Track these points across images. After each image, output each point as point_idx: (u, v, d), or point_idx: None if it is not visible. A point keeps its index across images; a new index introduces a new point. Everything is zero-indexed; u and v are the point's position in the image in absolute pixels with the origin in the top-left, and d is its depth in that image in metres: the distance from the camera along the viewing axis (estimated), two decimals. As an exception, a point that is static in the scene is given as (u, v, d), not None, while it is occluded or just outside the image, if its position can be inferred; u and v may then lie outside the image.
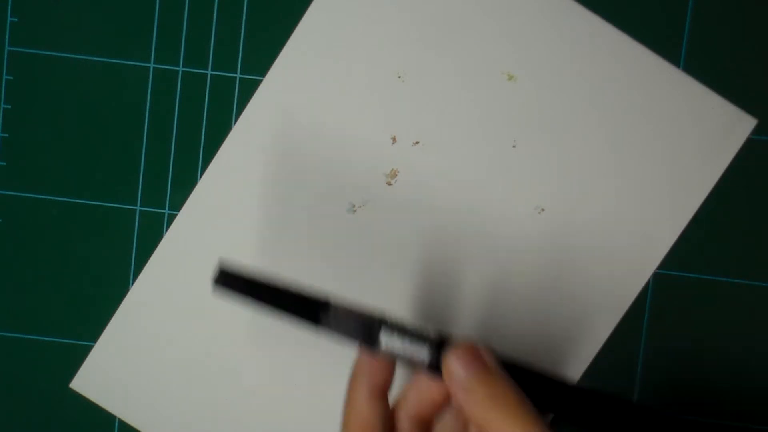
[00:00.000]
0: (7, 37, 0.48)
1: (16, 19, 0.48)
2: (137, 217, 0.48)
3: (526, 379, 0.39)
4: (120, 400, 0.48)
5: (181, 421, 0.48)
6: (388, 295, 0.48)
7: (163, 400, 0.48)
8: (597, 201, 0.47)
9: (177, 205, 0.48)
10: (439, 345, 0.38)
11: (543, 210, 0.47)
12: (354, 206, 0.47)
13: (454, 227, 0.47)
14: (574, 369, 0.48)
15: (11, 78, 0.48)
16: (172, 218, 0.48)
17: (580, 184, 0.47)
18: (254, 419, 0.48)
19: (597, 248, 0.47)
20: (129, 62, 0.48)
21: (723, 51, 0.47)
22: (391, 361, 0.40)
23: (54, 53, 0.48)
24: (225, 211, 0.48)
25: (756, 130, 0.47)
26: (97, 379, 0.48)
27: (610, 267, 0.47)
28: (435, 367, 0.38)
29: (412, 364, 0.39)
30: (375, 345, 0.39)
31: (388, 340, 0.39)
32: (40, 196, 0.48)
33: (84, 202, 0.48)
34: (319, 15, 0.47)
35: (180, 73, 0.48)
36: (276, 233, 0.47)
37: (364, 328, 0.39)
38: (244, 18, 0.47)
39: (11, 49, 0.48)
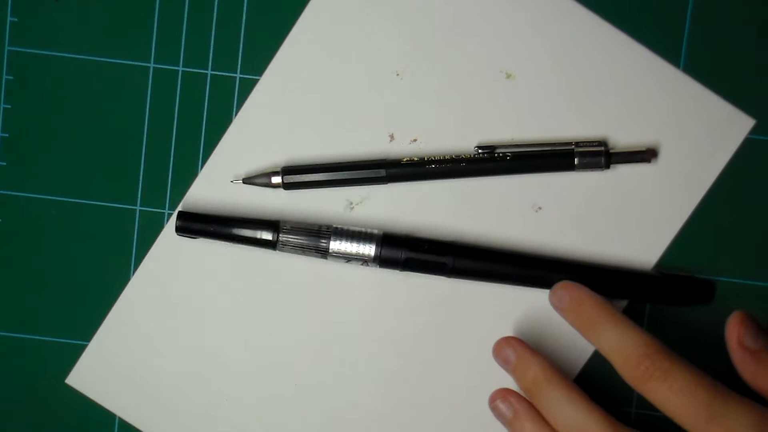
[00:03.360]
0: (7, 37, 0.48)
1: (16, 19, 0.48)
2: (137, 217, 0.48)
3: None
4: (116, 396, 0.48)
5: (178, 418, 0.48)
6: (386, 290, 0.48)
7: (159, 396, 0.48)
8: (594, 199, 0.47)
9: (177, 204, 0.48)
10: (383, 241, 0.45)
11: (540, 208, 0.47)
12: (352, 203, 0.47)
13: (452, 225, 0.47)
14: (573, 364, 0.48)
15: (11, 78, 0.48)
16: (171, 218, 0.48)
17: (577, 183, 0.47)
18: (251, 417, 0.48)
19: (593, 246, 0.47)
20: (129, 62, 0.48)
21: (723, 51, 0.47)
22: None
23: (54, 53, 0.48)
24: (221, 209, 0.48)
25: (754, 130, 0.47)
26: (93, 375, 0.48)
27: (607, 265, 0.47)
28: (381, 259, 0.45)
29: (362, 260, 0.46)
30: (326, 251, 0.45)
31: (337, 245, 0.45)
32: (40, 196, 0.48)
33: (84, 202, 0.48)
34: (317, 12, 0.47)
35: (180, 73, 0.48)
36: (275, 233, 0.47)
37: (315, 238, 0.45)
38: (244, 18, 0.48)
39: (11, 49, 0.48)
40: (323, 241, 0.45)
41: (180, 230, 0.46)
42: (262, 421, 0.48)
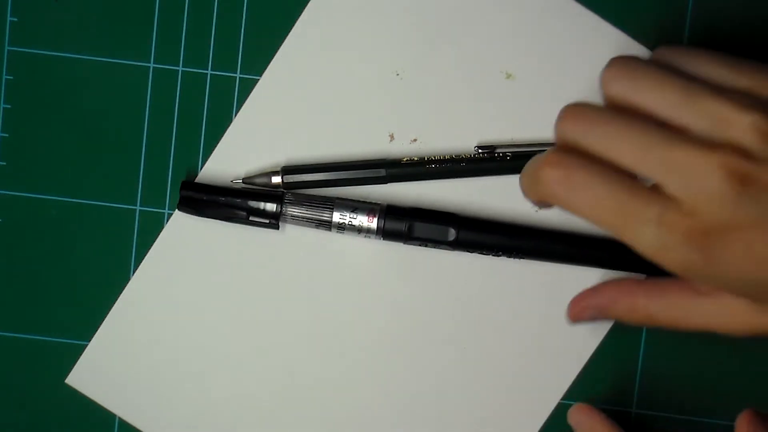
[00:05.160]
0: (7, 37, 0.48)
1: (16, 19, 0.48)
2: (137, 217, 0.48)
3: None
4: (116, 396, 0.48)
5: (178, 418, 0.48)
6: (384, 288, 0.48)
7: (159, 396, 0.48)
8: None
9: (177, 205, 0.48)
10: (387, 212, 0.45)
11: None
12: (351, 203, 0.48)
13: (453, 226, 0.47)
14: (575, 362, 0.48)
15: (11, 78, 0.48)
16: (171, 218, 0.48)
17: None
18: (252, 416, 0.48)
19: (595, 246, 0.47)
20: (129, 62, 0.48)
21: (722, 51, 0.47)
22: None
23: (54, 53, 0.48)
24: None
25: (755, 130, 0.47)
26: (93, 375, 0.48)
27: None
28: (385, 231, 0.45)
29: (365, 233, 0.45)
30: (330, 222, 0.45)
31: (340, 216, 0.45)
32: (40, 196, 0.48)
33: (84, 202, 0.48)
34: (317, 12, 0.47)
35: (180, 73, 0.48)
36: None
37: (318, 209, 0.45)
38: (243, 18, 0.48)
39: (11, 49, 0.48)
40: (326, 212, 0.45)
41: (183, 201, 0.46)
42: (263, 421, 0.48)
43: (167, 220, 0.48)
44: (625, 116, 0.37)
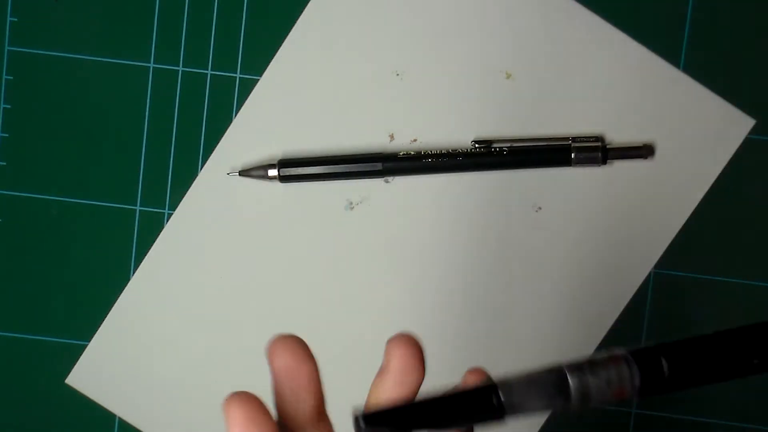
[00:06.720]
0: (7, 37, 0.48)
1: (16, 19, 0.48)
2: (137, 217, 0.48)
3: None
4: (116, 396, 0.48)
5: (178, 418, 0.48)
6: (385, 291, 0.48)
7: (159, 397, 0.48)
8: (594, 199, 0.47)
9: (177, 204, 0.48)
10: (637, 358, 0.30)
11: (540, 208, 0.47)
12: (352, 203, 0.48)
13: (451, 225, 0.47)
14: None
15: (11, 78, 0.48)
16: (171, 218, 0.48)
17: (577, 183, 0.47)
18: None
19: (593, 246, 0.47)
20: (129, 62, 0.48)
21: (722, 51, 0.47)
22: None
23: (54, 53, 0.48)
24: (222, 208, 0.48)
25: (754, 130, 0.47)
26: (93, 375, 0.48)
27: (607, 265, 0.47)
28: (646, 389, 0.30)
29: (621, 396, 0.29)
30: (568, 399, 0.29)
31: (580, 386, 0.29)
32: (40, 196, 0.48)
33: (84, 202, 0.48)
34: (317, 12, 0.47)
35: (180, 72, 0.48)
36: (274, 230, 0.47)
37: (549, 388, 0.30)
38: (243, 18, 0.48)
39: (11, 49, 0.48)
40: (561, 388, 0.29)
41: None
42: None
43: (167, 220, 0.48)
44: None
